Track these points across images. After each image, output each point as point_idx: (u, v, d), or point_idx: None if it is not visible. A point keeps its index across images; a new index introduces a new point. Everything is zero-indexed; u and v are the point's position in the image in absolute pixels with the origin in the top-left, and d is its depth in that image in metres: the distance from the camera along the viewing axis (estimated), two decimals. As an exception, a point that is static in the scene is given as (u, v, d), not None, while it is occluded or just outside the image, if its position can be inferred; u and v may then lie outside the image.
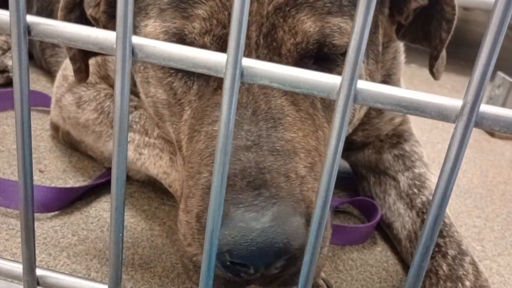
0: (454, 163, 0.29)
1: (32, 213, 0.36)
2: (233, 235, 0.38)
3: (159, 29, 0.47)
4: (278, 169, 0.42)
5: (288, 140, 0.44)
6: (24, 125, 0.34)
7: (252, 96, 0.46)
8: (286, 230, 0.39)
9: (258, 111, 0.45)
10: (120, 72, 0.31)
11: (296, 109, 0.47)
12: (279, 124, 0.45)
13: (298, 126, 0.46)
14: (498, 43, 0.26)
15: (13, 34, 0.31)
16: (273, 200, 0.40)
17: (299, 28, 0.46)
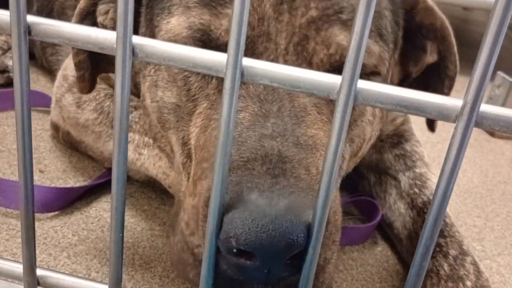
0: (454, 163, 0.29)
1: (32, 213, 0.36)
2: (242, 218, 0.35)
3: (183, 24, 0.48)
4: (300, 161, 0.41)
5: (310, 136, 0.45)
6: (25, 125, 0.34)
7: (277, 95, 0.46)
8: (302, 221, 0.35)
9: (283, 108, 0.45)
10: (120, 72, 0.31)
11: (318, 111, 0.48)
12: (302, 121, 0.45)
13: (319, 125, 0.47)
14: (498, 43, 0.26)
15: (14, 34, 0.31)
16: (292, 189, 0.38)
17: (333, 40, 0.47)
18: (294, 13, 0.46)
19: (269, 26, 0.47)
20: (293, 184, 0.39)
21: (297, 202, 0.37)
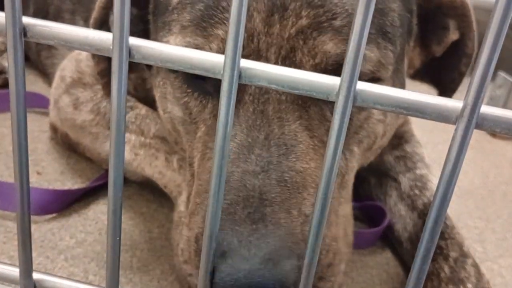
0: (454, 165, 0.29)
1: (28, 216, 0.36)
2: (220, 269, 0.37)
3: (180, 44, 0.47)
4: (281, 203, 0.40)
5: (299, 171, 0.43)
6: (20, 127, 0.33)
7: (266, 119, 0.44)
8: (274, 274, 0.37)
9: (271, 135, 0.43)
10: (117, 73, 0.30)
11: (310, 135, 0.45)
12: (291, 152, 0.43)
13: (311, 155, 0.44)
14: (499, 43, 0.26)
15: (9, 36, 0.31)
16: (269, 238, 0.38)
17: (319, 49, 0.45)
18: (285, 23, 0.44)
19: (259, 42, 0.45)
20: (271, 232, 0.38)
21: (273, 253, 0.37)
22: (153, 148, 0.66)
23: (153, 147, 0.66)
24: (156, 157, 0.65)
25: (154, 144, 0.66)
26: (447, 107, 0.28)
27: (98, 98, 0.72)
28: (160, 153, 0.65)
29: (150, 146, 0.66)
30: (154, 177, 0.66)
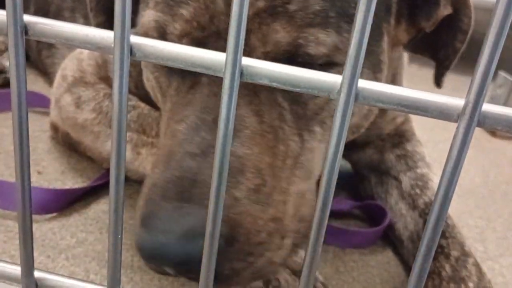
0: (456, 163, 0.29)
1: (30, 215, 0.36)
2: (140, 239, 0.40)
3: (151, 18, 0.48)
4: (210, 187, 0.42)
5: (238, 156, 0.43)
6: (22, 126, 0.33)
7: (218, 103, 0.45)
8: (186, 249, 0.39)
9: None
10: (118, 71, 0.30)
11: (258, 120, 0.46)
12: (235, 137, 0.44)
13: (256, 140, 0.45)
14: (501, 41, 0.26)
15: (10, 34, 0.31)
16: (190, 217, 0.40)
17: (271, 37, 0.44)
18: None
19: (219, 23, 0.45)
20: (193, 212, 0.40)
21: (189, 231, 0.39)
22: (155, 147, 0.66)
23: (155, 146, 0.66)
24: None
25: (156, 143, 0.66)
26: (449, 105, 0.28)
27: (100, 97, 0.72)
28: None
29: (152, 145, 0.66)
30: None
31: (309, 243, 0.32)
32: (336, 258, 0.68)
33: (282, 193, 0.46)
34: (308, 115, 0.49)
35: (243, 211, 0.43)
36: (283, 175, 0.46)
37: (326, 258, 0.67)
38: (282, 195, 0.46)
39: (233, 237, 0.41)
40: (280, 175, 0.46)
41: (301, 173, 0.49)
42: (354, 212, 0.78)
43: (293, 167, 0.48)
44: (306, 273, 0.33)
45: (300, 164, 0.49)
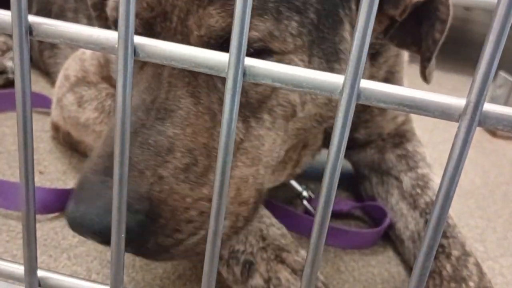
0: (457, 162, 0.29)
1: (34, 214, 0.36)
2: (67, 208, 0.43)
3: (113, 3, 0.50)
4: (137, 164, 0.43)
5: (168, 136, 0.45)
6: (26, 126, 0.34)
7: (159, 83, 0.46)
8: (104, 222, 0.41)
9: (157, 99, 0.45)
10: (122, 71, 0.30)
11: (194, 101, 0.47)
12: (168, 117, 0.45)
13: (191, 121, 0.46)
14: (502, 41, 0.26)
15: (15, 34, 0.31)
16: (110, 192, 0.41)
17: (205, 21, 0.45)
18: None
19: (166, 4, 0.46)
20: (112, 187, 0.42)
21: (107, 204, 0.41)
22: None
23: None
24: None
25: None
26: (450, 105, 0.28)
27: (103, 97, 0.72)
28: None
29: None
30: None
31: (311, 243, 0.32)
32: (337, 258, 0.68)
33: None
34: (252, 102, 0.49)
35: (168, 189, 0.44)
36: None
37: (327, 258, 0.67)
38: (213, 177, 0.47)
39: (156, 213, 0.43)
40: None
41: (245, 159, 0.50)
42: (354, 213, 0.78)
43: (235, 152, 0.49)
44: (308, 272, 0.33)
45: (244, 150, 0.49)
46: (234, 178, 0.49)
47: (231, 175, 0.47)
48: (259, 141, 0.50)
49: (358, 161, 0.79)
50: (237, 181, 0.49)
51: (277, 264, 0.53)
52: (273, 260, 0.53)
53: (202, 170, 0.46)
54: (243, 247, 0.55)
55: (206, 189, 0.46)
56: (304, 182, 0.86)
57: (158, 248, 0.45)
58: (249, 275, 0.53)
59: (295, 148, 0.60)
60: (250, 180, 0.50)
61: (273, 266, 0.53)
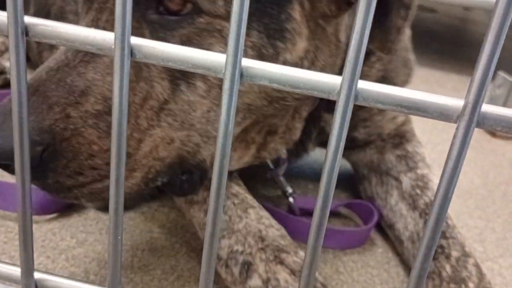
0: (455, 163, 0.29)
1: (30, 216, 0.36)
2: None
3: None
4: (47, 98, 0.45)
5: (87, 79, 0.46)
6: (23, 126, 0.33)
7: (96, 27, 0.47)
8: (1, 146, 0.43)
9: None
10: (119, 73, 0.30)
11: None
12: (92, 62, 0.46)
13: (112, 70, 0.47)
14: (500, 42, 0.26)
15: (11, 35, 0.31)
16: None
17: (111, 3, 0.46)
18: None
19: None
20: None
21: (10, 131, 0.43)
22: None
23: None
24: None
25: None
26: (448, 106, 0.28)
27: None
28: None
29: None
30: None
31: (309, 243, 0.32)
32: (335, 259, 0.68)
33: (138, 130, 0.48)
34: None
35: (73, 129, 0.45)
36: (142, 114, 0.48)
37: (326, 259, 0.67)
38: (137, 132, 0.48)
39: (57, 150, 0.44)
40: (139, 113, 0.47)
41: (172, 121, 0.49)
42: (341, 212, 0.78)
43: (159, 111, 0.48)
44: (306, 273, 0.33)
45: (170, 112, 0.49)
46: (154, 136, 0.49)
47: (149, 133, 0.49)
48: (190, 106, 0.49)
49: (358, 161, 0.79)
50: (157, 140, 0.49)
51: (276, 265, 0.53)
52: (272, 261, 0.53)
53: (107, 122, 0.47)
54: (242, 248, 0.55)
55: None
56: (302, 182, 0.86)
57: (59, 186, 0.46)
58: (247, 276, 0.53)
59: (258, 130, 0.60)
60: (176, 143, 0.50)
61: (272, 267, 0.53)
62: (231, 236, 0.56)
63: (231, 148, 0.57)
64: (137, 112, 0.47)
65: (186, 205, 0.62)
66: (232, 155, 0.57)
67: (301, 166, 0.91)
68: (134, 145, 0.48)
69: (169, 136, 0.50)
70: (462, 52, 1.82)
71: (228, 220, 0.57)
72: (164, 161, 0.51)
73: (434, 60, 1.67)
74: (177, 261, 0.63)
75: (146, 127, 0.48)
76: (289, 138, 0.65)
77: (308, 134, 0.70)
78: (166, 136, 0.49)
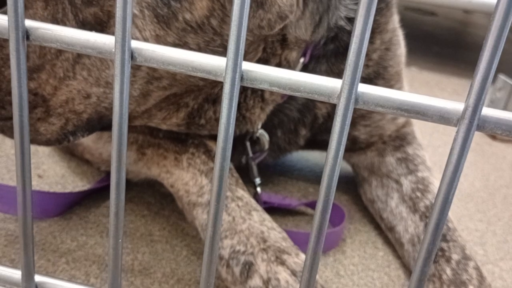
0: (456, 167, 0.29)
1: (30, 218, 0.36)
2: None
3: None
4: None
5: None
6: (24, 130, 0.33)
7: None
8: None
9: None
10: (120, 76, 0.30)
11: (43, 6, 0.49)
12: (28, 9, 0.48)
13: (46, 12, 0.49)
14: (500, 45, 0.26)
15: (11, 39, 0.31)
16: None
17: None
18: None
19: None
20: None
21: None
22: (162, 148, 0.66)
23: (162, 147, 0.66)
24: (164, 157, 0.66)
25: (163, 144, 0.66)
26: (448, 109, 0.28)
27: None
28: (170, 153, 0.65)
29: (159, 146, 0.67)
30: (160, 176, 0.66)
31: (309, 246, 0.32)
32: (336, 262, 0.68)
33: (54, 78, 0.50)
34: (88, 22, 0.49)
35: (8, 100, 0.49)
36: (58, 63, 0.50)
37: (327, 262, 0.67)
38: (53, 79, 0.50)
39: None
40: (55, 62, 0.49)
41: (86, 75, 0.51)
42: (306, 212, 0.77)
43: (74, 63, 0.50)
44: (307, 276, 0.33)
45: (84, 66, 0.50)
46: (70, 87, 0.51)
47: (65, 83, 0.51)
48: (102, 63, 0.50)
49: (358, 163, 0.79)
50: (73, 92, 0.51)
51: (277, 266, 0.53)
52: (273, 262, 0.53)
53: (33, 66, 0.49)
54: (244, 248, 0.55)
55: (34, 85, 0.50)
56: (302, 185, 0.86)
57: None
58: (248, 276, 0.53)
59: (194, 97, 0.60)
60: (92, 98, 0.52)
61: (273, 267, 0.53)
62: (233, 236, 0.56)
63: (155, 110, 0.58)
64: (53, 61, 0.50)
65: (188, 206, 0.62)
66: (156, 114, 0.59)
67: (302, 169, 0.91)
68: (49, 90, 0.51)
69: (85, 90, 0.51)
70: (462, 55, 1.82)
71: (232, 221, 0.57)
72: (81, 115, 0.53)
73: (434, 63, 1.67)
74: (178, 264, 0.63)
75: (62, 76, 0.50)
76: (245, 116, 0.64)
77: (302, 121, 0.71)
78: (82, 90, 0.51)
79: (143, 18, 0.48)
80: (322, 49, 0.65)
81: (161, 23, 0.49)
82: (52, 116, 0.52)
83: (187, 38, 0.50)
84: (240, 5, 0.27)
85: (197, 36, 0.51)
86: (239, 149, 0.71)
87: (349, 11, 0.64)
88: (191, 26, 0.50)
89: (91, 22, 0.49)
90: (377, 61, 0.69)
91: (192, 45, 0.51)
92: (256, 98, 0.64)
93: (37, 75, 0.50)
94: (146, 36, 0.49)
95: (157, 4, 0.48)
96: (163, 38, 0.49)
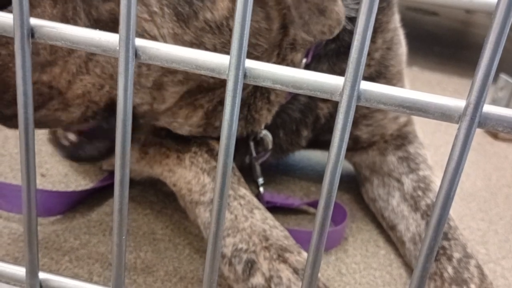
0: (457, 164, 0.29)
1: (35, 217, 0.36)
2: None
3: None
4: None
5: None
6: (28, 129, 0.34)
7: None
8: None
9: None
10: (123, 74, 0.31)
11: (52, 4, 0.49)
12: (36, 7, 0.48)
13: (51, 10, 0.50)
14: (501, 42, 0.26)
15: (16, 37, 0.31)
16: None
17: None
18: None
19: None
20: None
21: None
22: (164, 147, 0.66)
23: (164, 146, 0.67)
24: (167, 156, 0.66)
25: (166, 143, 0.67)
26: (450, 106, 0.28)
27: None
28: (172, 152, 0.66)
29: (161, 144, 0.67)
30: (163, 175, 0.66)
31: (312, 242, 0.32)
32: (338, 261, 0.68)
33: (68, 73, 0.51)
34: (102, 20, 0.49)
35: (1, 64, 0.47)
36: (70, 60, 0.50)
37: (329, 261, 0.67)
38: (68, 75, 0.51)
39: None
40: (67, 59, 0.50)
41: (99, 72, 0.51)
42: (308, 211, 0.77)
43: (88, 61, 0.50)
44: (309, 273, 0.33)
45: (98, 63, 0.51)
46: (84, 81, 0.52)
47: (80, 78, 0.52)
48: (116, 60, 0.51)
49: (360, 162, 0.79)
50: (88, 86, 0.52)
51: (279, 264, 0.53)
52: (275, 260, 0.53)
53: (45, 61, 0.49)
54: (246, 246, 0.55)
55: (47, 78, 0.50)
56: (304, 184, 0.87)
57: (1, 115, 0.51)
58: (250, 274, 0.53)
59: (209, 99, 0.60)
60: (106, 88, 0.53)
61: (275, 265, 0.53)
62: (236, 234, 0.56)
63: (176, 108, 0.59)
64: (65, 58, 0.50)
65: (190, 205, 0.63)
66: (178, 113, 0.60)
67: (304, 168, 0.91)
68: (64, 83, 0.51)
69: (99, 83, 0.52)
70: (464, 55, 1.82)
71: (234, 219, 0.58)
72: (99, 104, 0.54)
73: (436, 63, 1.67)
74: (180, 262, 0.63)
75: (75, 72, 0.51)
76: (254, 117, 0.65)
77: (304, 121, 0.71)
78: (96, 83, 0.52)
79: (162, 16, 0.48)
80: (324, 48, 0.65)
81: (180, 22, 0.49)
82: (71, 106, 0.53)
83: (204, 38, 0.51)
84: (243, 3, 0.27)
85: (215, 36, 0.51)
86: (242, 150, 0.71)
87: (350, 10, 0.64)
88: (210, 26, 0.51)
89: (105, 19, 0.50)
90: (379, 60, 0.69)
91: (208, 45, 0.52)
92: (263, 99, 0.65)
93: (49, 69, 0.50)
94: (164, 34, 0.49)
95: (178, 2, 0.48)
96: (180, 37, 0.50)
